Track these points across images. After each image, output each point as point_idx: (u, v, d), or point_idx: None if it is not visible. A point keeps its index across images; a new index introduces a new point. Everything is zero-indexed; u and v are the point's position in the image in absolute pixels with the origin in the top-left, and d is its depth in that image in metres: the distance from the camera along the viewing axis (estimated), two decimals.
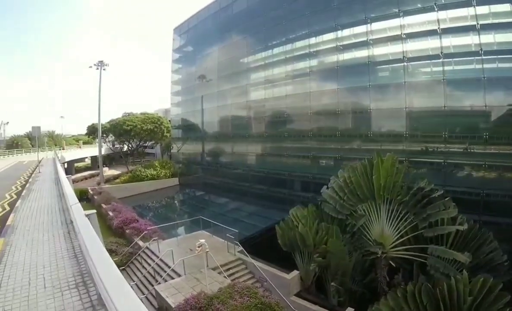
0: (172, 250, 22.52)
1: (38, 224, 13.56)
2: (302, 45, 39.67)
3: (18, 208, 17.24)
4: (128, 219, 31.96)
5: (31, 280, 8.07)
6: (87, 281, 7.54)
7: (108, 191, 51.32)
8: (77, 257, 9.23)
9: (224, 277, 20.28)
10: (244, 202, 45.07)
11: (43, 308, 6.59)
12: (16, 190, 24.95)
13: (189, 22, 63.77)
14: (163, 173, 62.55)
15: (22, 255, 9.99)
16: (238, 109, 50.13)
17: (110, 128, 73.14)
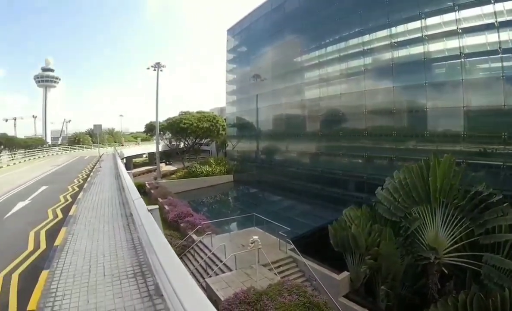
0: (224, 244, 22.79)
1: (99, 216, 14.12)
2: (355, 43, 38.84)
3: (80, 199, 18.03)
4: (183, 213, 32.54)
5: (91, 267, 8.45)
6: (145, 272, 7.79)
7: (165, 185, 52.61)
8: (136, 248, 9.55)
9: (274, 274, 20.28)
10: (297, 201, 44.78)
11: (101, 295, 6.89)
12: (78, 183, 26.18)
13: (242, 23, 64.40)
14: (218, 170, 63.25)
15: (83, 243, 10.46)
16: (292, 108, 49.84)
17: (167, 126, 74.79)
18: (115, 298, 6.74)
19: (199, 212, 38.76)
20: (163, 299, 6.18)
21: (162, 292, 5.96)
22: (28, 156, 64.95)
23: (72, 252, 9.78)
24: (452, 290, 19.40)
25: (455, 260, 20.03)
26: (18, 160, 57.72)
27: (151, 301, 6.43)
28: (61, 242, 10.75)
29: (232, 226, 34.07)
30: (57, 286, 7.56)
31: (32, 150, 73.85)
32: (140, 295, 6.76)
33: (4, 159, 57.39)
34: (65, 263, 8.92)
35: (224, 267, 21.66)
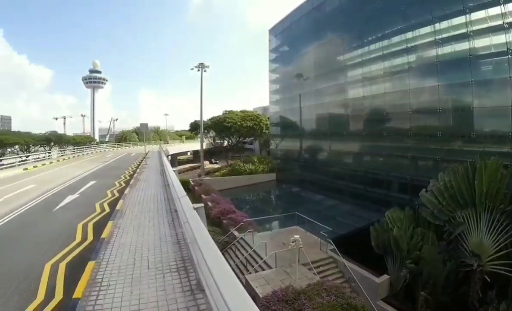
0: (265, 242, 22.98)
1: (144, 211, 14.45)
2: (398, 40, 37.86)
3: (126, 195, 18.48)
4: (226, 210, 32.86)
5: (136, 260, 8.73)
6: (187, 267, 7.92)
7: (208, 182, 53.34)
8: (180, 243, 9.73)
9: (313, 274, 20.24)
10: (339, 200, 44.40)
11: (145, 287, 7.14)
12: (124, 179, 26.90)
13: (283, 23, 64.17)
14: (261, 168, 63.48)
15: (129, 237, 10.78)
16: (336, 107, 49.31)
17: (211, 125, 75.78)
18: (158, 291, 6.94)
19: (242, 209, 39.03)
20: (204, 294, 6.30)
21: (203, 287, 6.11)
22: (77, 152, 67.10)
23: (118, 245, 10.10)
24: (494, 299, 18.81)
25: (499, 268, 19.44)
26: (68, 156, 59.93)
27: (192, 295, 6.56)
28: (108, 235, 11.12)
29: (274, 224, 34.17)
30: (103, 276, 7.87)
31: (80, 147, 76.22)
32: (182, 289, 6.90)
33: (54, 155, 59.60)
34: (111, 255, 9.25)
35: (264, 265, 21.82)
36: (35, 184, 25.50)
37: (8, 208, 16.99)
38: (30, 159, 50.07)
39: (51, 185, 24.23)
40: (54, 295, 7.29)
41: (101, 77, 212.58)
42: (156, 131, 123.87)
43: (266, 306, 15.14)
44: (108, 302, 6.63)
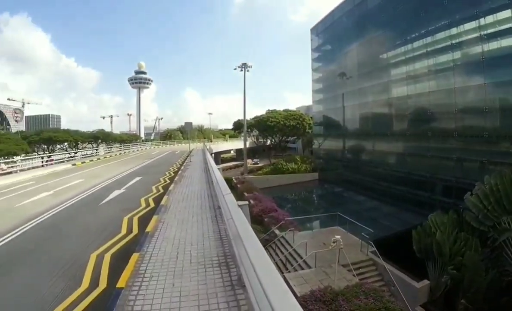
0: (306, 242, 22.89)
1: (188, 207, 14.59)
2: (442, 36, 36.39)
3: (171, 191, 18.73)
4: (268, 208, 32.89)
5: (179, 254, 8.86)
6: (229, 262, 7.97)
7: (251, 180, 53.73)
8: (222, 239, 9.79)
9: (353, 275, 19.97)
10: (381, 202, 43.47)
11: (187, 280, 7.25)
12: (169, 175, 27.29)
13: (325, 22, 63.67)
14: (303, 167, 63.47)
15: (172, 231, 10.95)
16: (379, 106, 48.34)
17: (255, 124, 76.29)
18: (199, 284, 7.02)
19: (283, 208, 38.99)
20: (245, 290, 6.35)
21: (244, 283, 6.14)
22: (123, 149, 68.92)
23: (162, 239, 10.27)
24: None
25: None
26: (114, 153, 61.60)
27: (233, 290, 6.60)
28: (152, 229, 11.34)
29: (315, 224, 33.84)
30: (146, 268, 8.06)
31: (126, 144, 78.10)
32: (223, 284, 6.96)
33: (101, 152, 61.35)
34: (155, 248, 9.43)
35: (304, 264, 21.76)
36: (83, 178, 26.53)
37: (58, 200, 17.94)
38: (78, 155, 51.70)
39: (98, 180, 25.10)
40: (98, 283, 7.57)
41: (146, 78, 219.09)
42: (200, 130, 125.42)
43: (303, 305, 14.98)
44: (150, 293, 6.79)
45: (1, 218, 14.60)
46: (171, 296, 6.54)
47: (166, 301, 6.33)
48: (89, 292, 7.18)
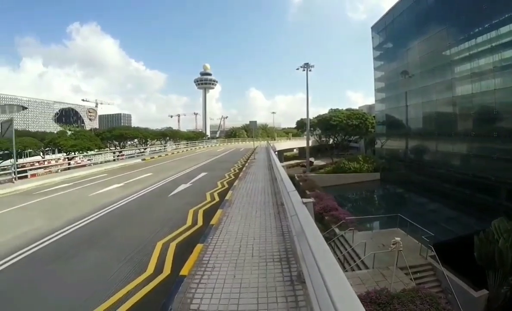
0: (365, 242, 22.59)
1: (252, 202, 14.62)
2: (507, 30, 33.95)
3: (235, 186, 18.87)
4: (329, 206, 32.62)
5: (241, 247, 8.90)
6: (290, 258, 7.90)
7: (313, 179, 53.64)
8: (284, 235, 9.73)
9: (410, 279, 19.39)
10: (444, 205, 41.69)
11: (247, 273, 7.28)
12: (234, 171, 27.53)
13: (385, 19, 62.06)
14: (365, 167, 62.21)
15: (236, 225, 11.03)
16: (443, 105, 46.18)
17: (318, 123, 75.89)
18: (259, 278, 7.02)
19: (344, 207, 38.50)
20: (304, 286, 6.30)
21: (304, 280, 6.08)
22: (190, 146, 70.59)
23: (226, 232, 10.35)
24: None
25: None
26: (181, 149, 63.33)
27: (292, 286, 6.56)
28: (217, 222, 11.45)
29: (375, 224, 33.27)
30: (209, 259, 8.17)
31: (193, 141, 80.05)
32: (282, 278, 6.92)
33: (169, 148, 63.43)
34: (218, 241, 9.53)
35: (361, 264, 21.51)
36: (151, 173, 27.46)
37: (128, 192, 18.80)
38: (147, 151, 53.64)
39: (165, 174, 25.87)
40: (163, 270, 7.84)
41: (211, 79, 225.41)
42: (264, 129, 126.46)
43: None
44: (212, 282, 6.89)
45: (76, 205, 15.76)
46: (232, 287, 6.60)
47: (227, 291, 6.40)
48: (153, 277, 7.46)
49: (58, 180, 25.33)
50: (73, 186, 22.33)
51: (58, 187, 21.94)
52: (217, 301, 6.02)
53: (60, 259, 8.88)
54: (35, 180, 25.86)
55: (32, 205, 16.68)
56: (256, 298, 6.08)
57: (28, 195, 19.52)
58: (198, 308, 5.84)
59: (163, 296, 6.39)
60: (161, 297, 6.38)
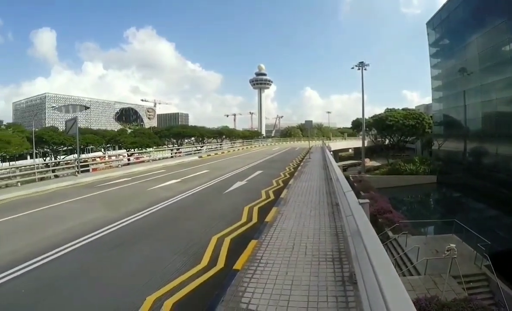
0: (418, 247, 21.81)
1: (306, 201, 14.55)
2: None
3: (290, 185, 18.88)
4: (383, 208, 31.87)
5: (295, 245, 8.90)
6: (343, 259, 7.82)
7: (368, 180, 52.73)
8: (338, 235, 9.63)
9: (462, 289, 18.31)
10: (503, 212, 38.65)
11: (300, 271, 7.27)
12: (289, 170, 27.55)
13: (441, 14, 59.23)
14: (421, 169, 59.85)
15: (290, 223, 11.03)
16: (504, 104, 42.75)
17: (373, 123, 74.61)
18: (311, 276, 6.99)
19: (398, 209, 37.43)
20: (355, 287, 6.22)
21: (356, 281, 6.01)
22: (245, 145, 71.37)
23: (280, 229, 10.37)
24: None
25: None
26: (237, 148, 64.19)
27: (343, 286, 6.49)
28: (271, 219, 11.51)
29: (429, 229, 32.24)
30: (262, 255, 8.23)
31: (248, 140, 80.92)
32: (334, 278, 6.86)
33: (225, 146, 64.46)
34: (272, 238, 9.56)
35: (413, 270, 20.81)
36: (208, 169, 28.07)
37: (185, 187, 19.38)
38: (204, 149, 54.53)
39: (222, 172, 26.32)
40: (216, 263, 8.01)
41: (266, 79, 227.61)
42: (319, 128, 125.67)
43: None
44: (264, 277, 6.94)
45: (135, 198, 16.56)
46: (283, 283, 6.61)
47: (278, 288, 6.42)
48: (207, 270, 7.65)
49: (118, 174, 26.46)
50: (132, 180, 23.27)
51: (118, 181, 23.04)
52: (268, 296, 6.06)
53: (119, 247, 9.47)
54: (96, 174, 27.27)
55: (94, 196, 17.72)
56: (307, 296, 6.06)
57: (90, 187, 20.74)
58: (249, 301, 5.91)
59: (216, 288, 6.52)
60: (214, 288, 6.52)
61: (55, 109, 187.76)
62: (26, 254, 8.85)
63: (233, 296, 6.09)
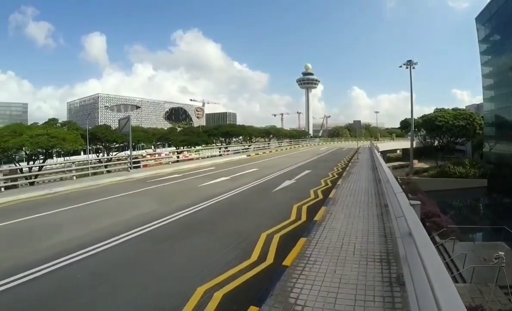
0: (466, 253, 20.98)
1: (355, 202, 14.48)
2: None
3: (339, 185, 18.81)
4: (431, 212, 30.98)
5: (343, 244, 8.90)
6: (390, 260, 7.78)
7: (416, 182, 51.32)
8: (386, 237, 9.54)
9: (508, 300, 17.38)
10: None
11: (348, 270, 7.28)
12: (337, 170, 27.37)
13: (489, 9, 56.78)
14: (472, 172, 57.70)
15: (339, 223, 11.02)
16: None
17: (422, 123, 72.60)
18: (359, 275, 6.99)
19: (446, 214, 36.32)
20: (402, 289, 6.20)
21: (404, 282, 6.04)
22: (293, 144, 71.47)
23: (329, 228, 10.37)
24: None
25: None
26: (284, 147, 64.56)
27: (390, 287, 6.46)
28: (320, 218, 11.53)
29: (477, 236, 31.18)
30: (311, 252, 8.28)
31: (295, 140, 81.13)
32: (381, 279, 6.84)
33: (273, 145, 64.90)
34: (321, 236, 9.59)
35: (459, 277, 19.98)
36: (257, 168, 28.50)
37: (235, 184, 19.84)
38: (252, 148, 55.14)
39: (270, 170, 26.59)
40: (266, 259, 8.13)
41: (313, 78, 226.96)
42: (367, 128, 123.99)
43: None
44: (313, 275, 7.00)
45: (185, 194, 17.18)
46: (331, 281, 6.65)
47: (326, 285, 6.47)
48: (257, 264, 7.78)
49: (169, 171, 27.30)
50: (182, 177, 23.97)
51: (169, 177, 23.95)
52: (316, 293, 6.13)
53: (171, 240, 9.87)
54: (147, 170, 28.36)
55: (146, 191, 18.64)
56: (354, 295, 6.09)
57: (142, 182, 21.78)
58: (297, 297, 5.99)
59: (265, 282, 6.66)
60: (263, 283, 6.66)
61: (107, 109, 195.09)
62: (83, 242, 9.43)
63: (282, 291, 6.21)
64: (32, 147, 34.95)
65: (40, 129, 38.82)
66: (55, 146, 36.89)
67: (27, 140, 33.79)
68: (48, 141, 34.59)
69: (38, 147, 35.09)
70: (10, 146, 33.82)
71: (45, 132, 35.65)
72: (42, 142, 34.17)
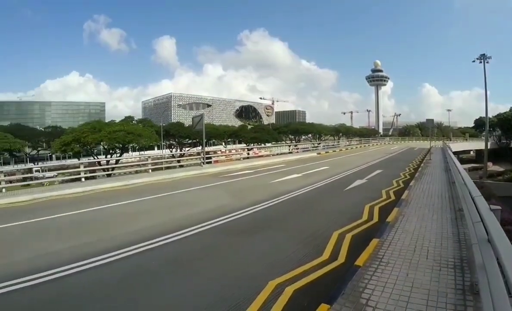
0: None
1: (428, 204, 14.00)
2: None
3: (411, 186, 18.23)
4: (504, 219, 29.24)
5: (416, 248, 8.66)
6: (464, 267, 7.48)
7: (490, 186, 48.33)
8: (460, 243, 9.17)
9: None
10: None
11: (420, 274, 7.06)
12: (409, 171, 26.58)
13: None
14: None
15: (412, 225, 10.72)
16: None
17: (497, 123, 68.74)
18: (431, 281, 6.77)
19: None
20: (475, 298, 5.96)
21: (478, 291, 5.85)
22: (362, 143, 70.31)
23: (402, 230, 10.13)
24: None
25: None
26: (354, 146, 63.76)
27: (463, 295, 6.19)
28: (393, 219, 11.27)
29: None
30: (384, 254, 8.14)
31: (365, 138, 79.88)
32: (454, 286, 6.57)
33: (342, 144, 64.38)
34: (394, 238, 9.38)
35: None
36: (327, 166, 28.50)
37: (307, 182, 19.99)
38: (321, 146, 55.01)
39: (341, 169, 26.40)
40: (337, 258, 8.12)
41: (383, 75, 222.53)
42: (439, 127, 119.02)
43: None
44: (385, 276, 6.89)
45: (257, 190, 17.64)
46: (404, 285, 6.52)
47: (398, 288, 6.36)
48: (328, 263, 7.79)
49: (240, 167, 27.95)
50: (254, 173, 24.45)
51: (240, 173, 24.59)
52: (388, 295, 6.05)
53: (244, 233, 10.18)
54: (219, 165, 29.30)
55: (220, 185, 19.31)
56: (426, 300, 5.94)
57: (215, 177, 22.63)
58: (368, 297, 5.95)
59: (337, 281, 6.67)
60: (334, 282, 6.68)
61: (180, 107, 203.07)
62: (160, 231, 10.08)
63: (353, 291, 6.18)
64: (110, 142, 37.27)
65: (118, 126, 41.20)
66: (131, 141, 39.12)
67: (105, 136, 36.17)
68: (125, 137, 36.76)
69: (115, 142, 37.31)
70: (90, 141, 36.30)
71: (122, 129, 37.81)
72: (120, 138, 36.32)
